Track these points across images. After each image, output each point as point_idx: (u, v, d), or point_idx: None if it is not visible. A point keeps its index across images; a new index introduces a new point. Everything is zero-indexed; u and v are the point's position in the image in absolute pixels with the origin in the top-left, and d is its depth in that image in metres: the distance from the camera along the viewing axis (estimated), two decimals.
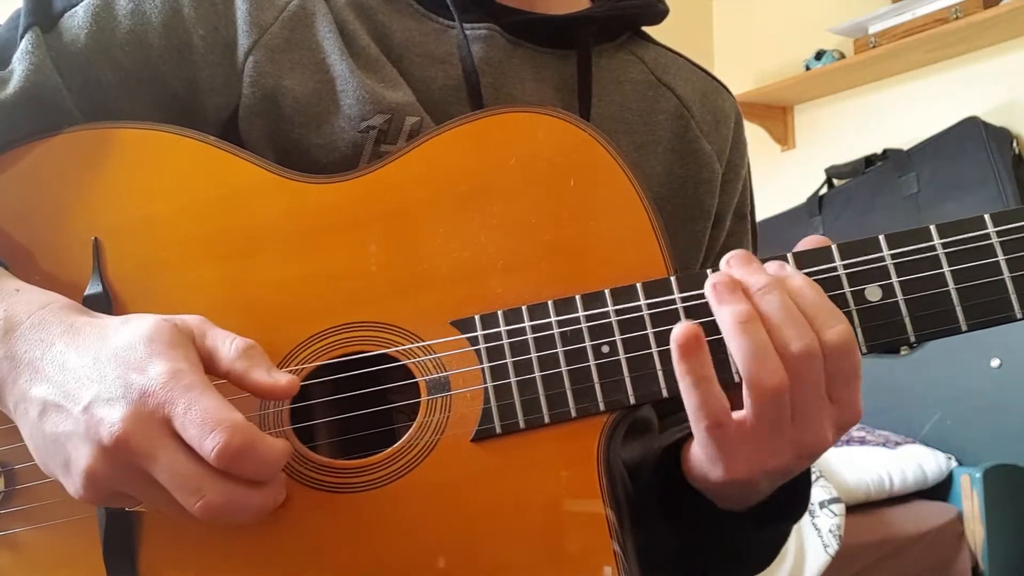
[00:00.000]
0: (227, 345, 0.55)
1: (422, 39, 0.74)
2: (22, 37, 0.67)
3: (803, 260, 0.58)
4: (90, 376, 0.52)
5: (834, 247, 0.58)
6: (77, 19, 0.68)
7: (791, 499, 0.65)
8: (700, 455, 0.60)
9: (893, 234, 0.57)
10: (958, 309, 0.56)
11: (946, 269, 0.57)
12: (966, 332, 0.56)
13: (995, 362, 2.34)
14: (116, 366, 0.52)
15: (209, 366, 0.55)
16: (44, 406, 0.53)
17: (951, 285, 0.56)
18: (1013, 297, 0.56)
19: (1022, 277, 0.56)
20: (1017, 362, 2.31)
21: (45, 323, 0.56)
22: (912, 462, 2.31)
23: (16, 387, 0.55)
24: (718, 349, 0.56)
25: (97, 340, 0.54)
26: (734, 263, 0.57)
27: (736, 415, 0.56)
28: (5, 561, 0.60)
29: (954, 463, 2.37)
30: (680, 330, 0.55)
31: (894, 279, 0.57)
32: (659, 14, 0.83)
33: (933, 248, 0.57)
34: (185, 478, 0.50)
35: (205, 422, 0.50)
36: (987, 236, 0.56)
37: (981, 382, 2.36)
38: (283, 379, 0.55)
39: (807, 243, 0.59)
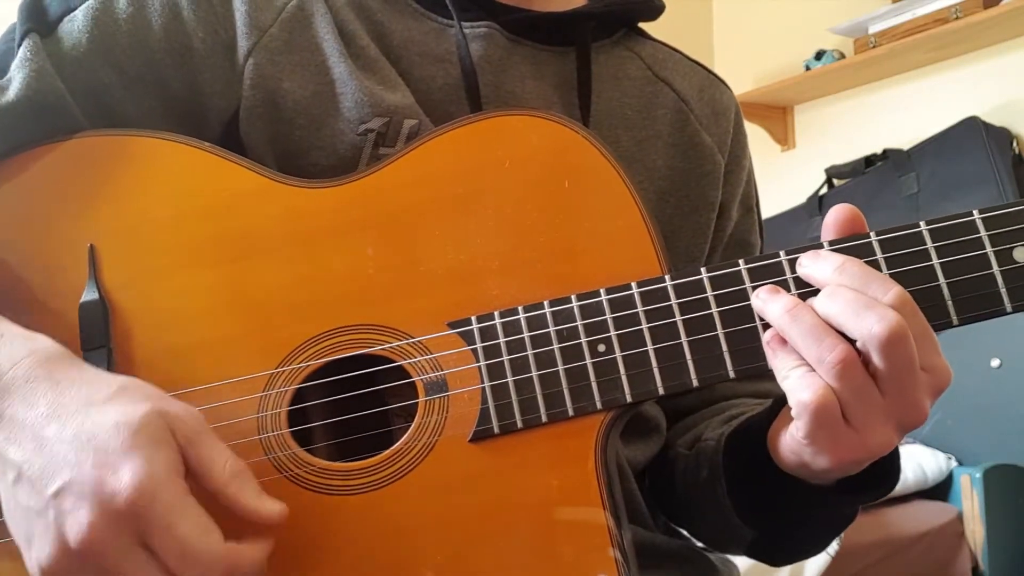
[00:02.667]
0: (221, 465, 0.54)
1: (421, 38, 0.74)
2: (19, 45, 0.66)
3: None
4: (66, 458, 0.51)
5: (826, 244, 0.58)
6: (77, 23, 0.68)
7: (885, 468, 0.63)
8: (800, 448, 0.58)
9: (884, 230, 0.57)
10: (949, 303, 0.57)
11: (935, 261, 0.57)
12: (957, 326, 0.57)
13: (995, 362, 2.33)
14: (92, 453, 0.50)
15: (200, 480, 0.54)
16: (19, 474, 0.52)
17: (942, 280, 0.57)
18: (1003, 291, 0.56)
19: (1011, 271, 0.56)
20: (1017, 362, 2.30)
21: (29, 378, 0.54)
22: (912, 462, 2.30)
23: None
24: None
25: (81, 410, 0.52)
26: (763, 294, 0.57)
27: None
28: (4, 567, 0.60)
29: (954, 463, 2.36)
30: (767, 334, 0.57)
31: (884, 273, 0.57)
32: (655, 10, 0.84)
33: (923, 243, 0.57)
34: None
35: (186, 555, 0.50)
36: (976, 231, 0.57)
37: (981, 382, 2.34)
38: (275, 507, 0.55)
39: (837, 216, 0.59)
